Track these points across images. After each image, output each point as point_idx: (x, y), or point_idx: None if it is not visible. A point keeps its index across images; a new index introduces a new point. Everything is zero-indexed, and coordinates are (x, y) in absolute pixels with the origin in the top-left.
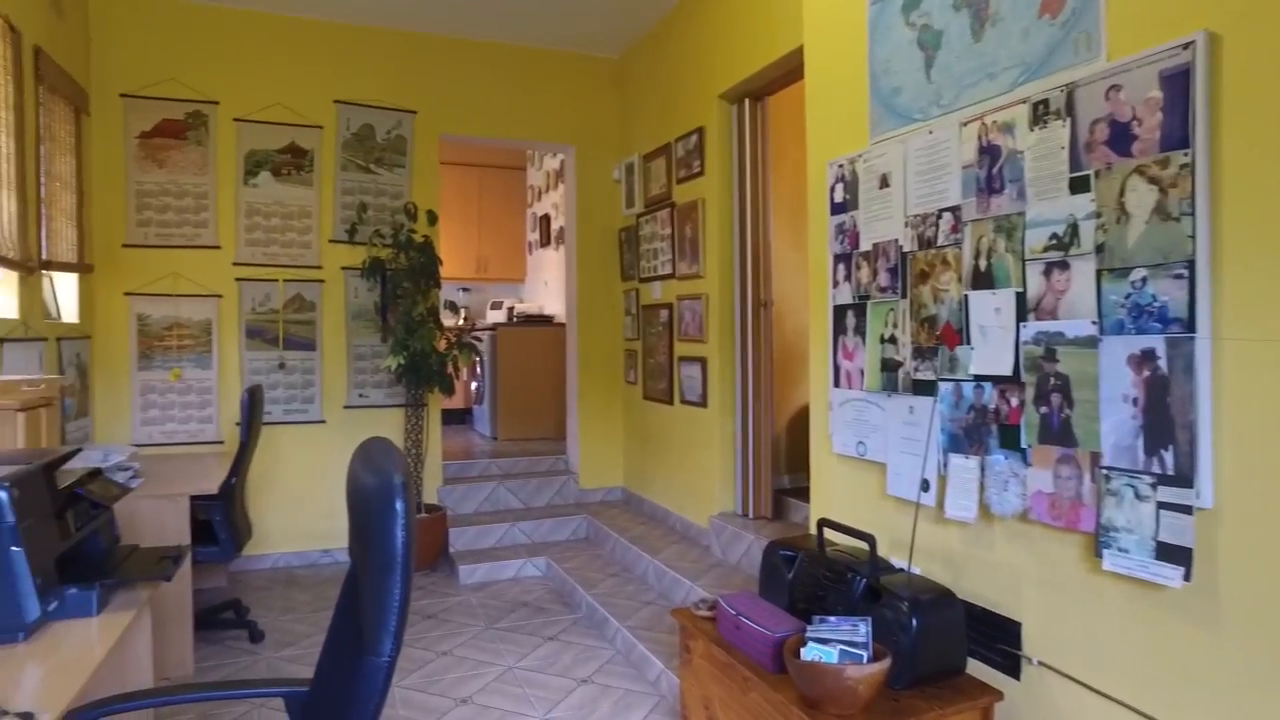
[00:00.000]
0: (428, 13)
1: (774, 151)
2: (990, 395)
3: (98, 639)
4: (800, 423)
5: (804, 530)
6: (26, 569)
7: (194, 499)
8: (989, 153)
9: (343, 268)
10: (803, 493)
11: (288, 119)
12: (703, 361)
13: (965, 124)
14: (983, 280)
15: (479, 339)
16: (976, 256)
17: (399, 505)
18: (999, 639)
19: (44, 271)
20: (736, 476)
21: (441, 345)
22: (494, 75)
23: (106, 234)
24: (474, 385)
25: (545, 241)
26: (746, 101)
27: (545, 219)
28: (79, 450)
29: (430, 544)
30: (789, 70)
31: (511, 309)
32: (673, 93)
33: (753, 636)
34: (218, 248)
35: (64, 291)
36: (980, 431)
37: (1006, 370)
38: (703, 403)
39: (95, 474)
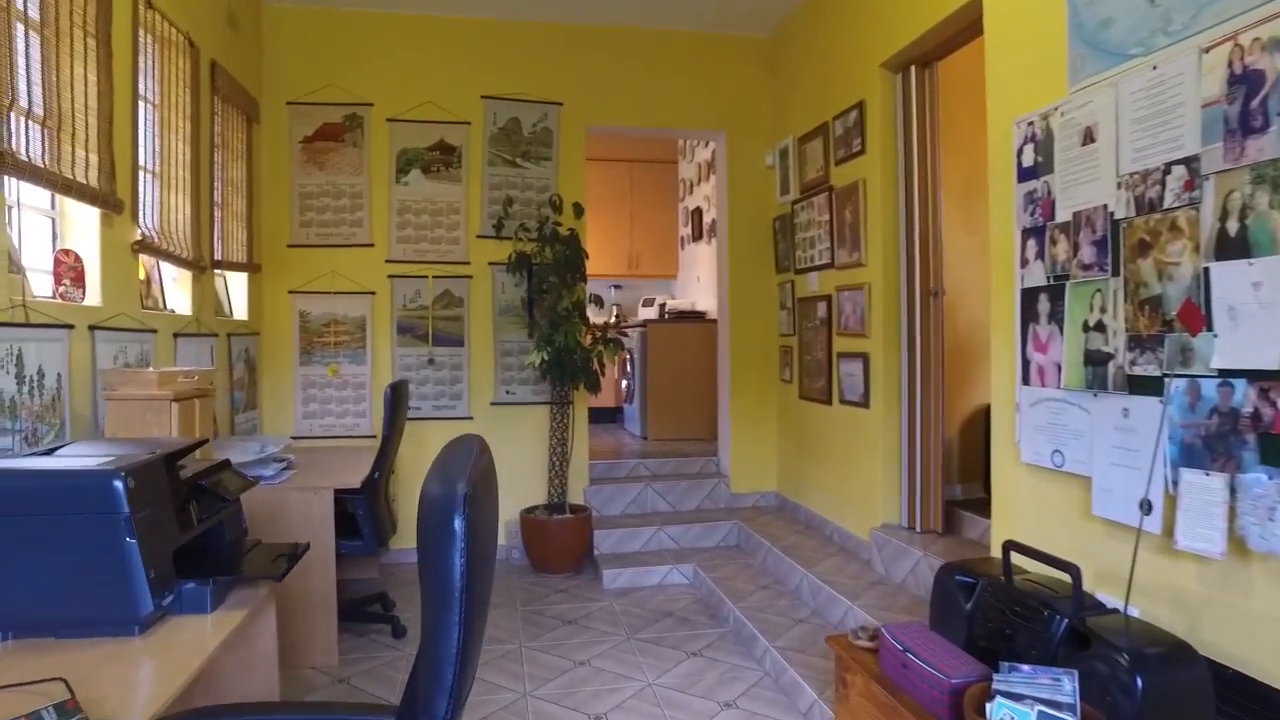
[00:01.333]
0: (572, 2)
1: (943, 124)
2: (1244, 395)
3: (209, 638)
4: (976, 426)
5: (980, 549)
6: (140, 562)
7: (341, 492)
8: (1244, 82)
9: (490, 263)
10: (977, 505)
11: (437, 116)
12: (864, 357)
13: (1208, 49)
14: (1233, 248)
15: (626, 335)
16: (1224, 218)
17: (457, 525)
18: (1265, 716)
19: (217, 271)
20: (902, 485)
21: (587, 340)
22: (640, 62)
23: (273, 235)
24: (624, 384)
25: (697, 235)
26: (912, 69)
27: (697, 212)
28: (204, 441)
29: (575, 546)
30: (962, 28)
31: (663, 306)
32: (829, 67)
33: (923, 679)
34: (371, 245)
35: (235, 290)
36: (1228, 441)
37: (1270, 364)
38: (864, 403)
39: (223, 465)
